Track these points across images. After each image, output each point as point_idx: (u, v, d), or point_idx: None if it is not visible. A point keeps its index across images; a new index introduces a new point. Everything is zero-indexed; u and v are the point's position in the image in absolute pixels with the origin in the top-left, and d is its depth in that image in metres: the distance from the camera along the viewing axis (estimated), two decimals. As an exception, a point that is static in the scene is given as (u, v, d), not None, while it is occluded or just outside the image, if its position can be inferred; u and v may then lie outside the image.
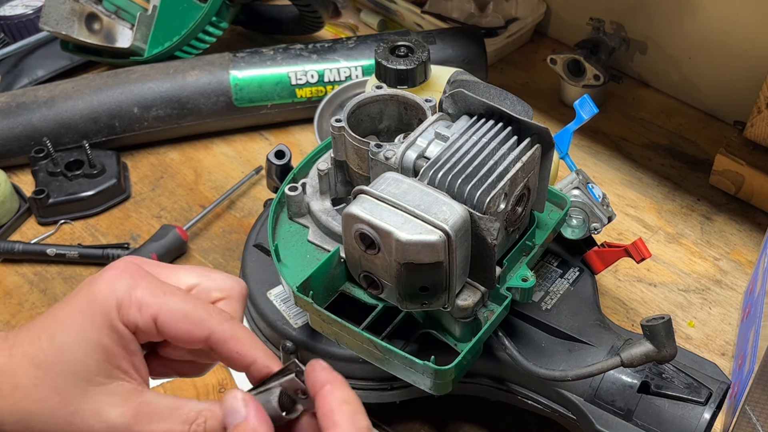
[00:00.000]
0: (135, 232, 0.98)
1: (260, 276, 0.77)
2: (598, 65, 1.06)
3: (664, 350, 0.59)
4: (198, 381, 0.79)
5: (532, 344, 0.68)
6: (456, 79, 0.67)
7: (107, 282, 0.47)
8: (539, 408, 0.68)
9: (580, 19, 1.15)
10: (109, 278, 0.47)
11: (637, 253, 0.73)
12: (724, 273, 0.92)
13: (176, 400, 0.47)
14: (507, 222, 0.60)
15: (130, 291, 0.46)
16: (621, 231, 0.97)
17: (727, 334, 0.86)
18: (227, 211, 1.00)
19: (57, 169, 1.00)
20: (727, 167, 0.97)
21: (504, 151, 0.59)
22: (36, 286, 0.92)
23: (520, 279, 0.62)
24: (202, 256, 0.95)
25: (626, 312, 0.88)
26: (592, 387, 0.65)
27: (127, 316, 0.46)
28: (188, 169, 1.06)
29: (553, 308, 0.70)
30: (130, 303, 0.46)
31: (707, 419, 0.63)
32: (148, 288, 0.47)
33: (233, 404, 0.45)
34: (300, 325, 0.73)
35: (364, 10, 1.29)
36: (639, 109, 1.13)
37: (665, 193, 1.01)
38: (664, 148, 1.07)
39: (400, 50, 0.83)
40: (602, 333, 0.68)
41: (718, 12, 1.03)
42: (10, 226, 0.97)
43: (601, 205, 0.73)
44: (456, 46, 1.08)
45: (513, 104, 0.64)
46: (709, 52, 1.07)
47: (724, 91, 1.08)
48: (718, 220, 0.98)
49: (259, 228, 0.81)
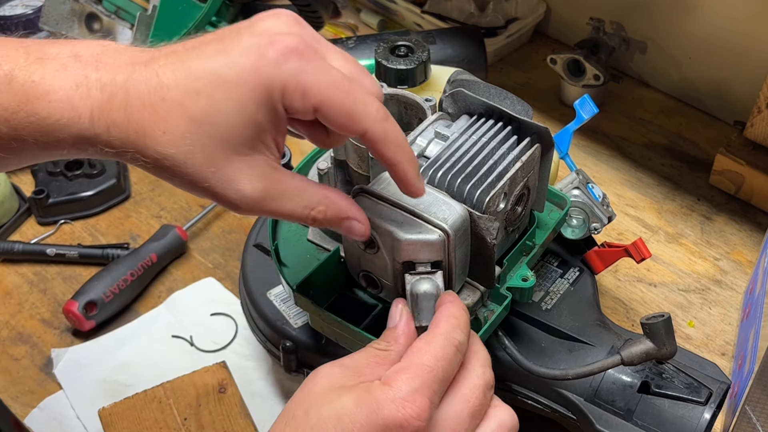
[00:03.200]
0: (135, 232, 0.98)
1: (260, 276, 0.77)
2: (598, 65, 1.06)
3: (664, 348, 0.59)
4: (198, 381, 0.79)
5: (532, 344, 0.67)
6: (456, 79, 0.67)
7: (276, 61, 0.45)
8: (539, 408, 0.68)
9: (580, 19, 1.15)
10: (278, 56, 0.46)
11: (637, 253, 0.73)
12: (724, 273, 0.92)
13: (303, 182, 0.49)
14: (507, 221, 0.60)
15: (298, 76, 0.46)
16: (621, 231, 0.97)
17: (727, 334, 0.86)
18: (227, 211, 1.00)
19: (57, 169, 1.00)
20: (727, 167, 0.97)
21: (504, 151, 0.59)
22: (36, 286, 0.92)
23: (520, 279, 0.62)
24: (202, 256, 0.95)
25: (626, 312, 0.88)
26: (593, 387, 0.65)
27: (290, 102, 0.46)
28: (188, 169, 1.06)
29: (553, 308, 0.70)
30: (295, 89, 0.46)
31: (707, 419, 0.63)
32: (315, 75, 0.46)
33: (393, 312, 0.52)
34: (300, 325, 0.73)
35: (363, 10, 1.29)
36: (639, 109, 1.13)
37: (665, 193, 1.01)
38: (664, 148, 1.07)
39: (400, 50, 0.83)
40: (602, 333, 0.68)
41: (718, 12, 1.03)
42: (9, 226, 0.97)
43: (601, 205, 0.73)
44: (456, 46, 1.08)
45: (513, 104, 0.64)
46: (709, 52, 1.07)
47: (724, 91, 1.08)
48: (718, 220, 0.98)
49: (259, 228, 0.81)
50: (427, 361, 0.47)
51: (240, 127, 0.46)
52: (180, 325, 0.88)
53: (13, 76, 0.45)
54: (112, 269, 0.89)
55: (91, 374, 0.83)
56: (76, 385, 0.82)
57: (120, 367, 0.84)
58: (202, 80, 0.45)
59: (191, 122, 0.45)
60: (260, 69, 0.45)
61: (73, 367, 0.84)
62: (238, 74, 0.45)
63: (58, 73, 0.46)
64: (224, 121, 0.45)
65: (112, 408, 0.78)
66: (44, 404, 0.81)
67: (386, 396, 0.45)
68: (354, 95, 0.47)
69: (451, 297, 0.53)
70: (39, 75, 0.45)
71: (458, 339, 0.50)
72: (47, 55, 0.46)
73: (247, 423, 0.77)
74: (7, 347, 0.86)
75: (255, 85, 0.45)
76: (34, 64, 0.46)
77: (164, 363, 0.84)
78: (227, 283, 0.92)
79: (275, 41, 0.46)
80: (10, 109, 0.45)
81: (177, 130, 0.45)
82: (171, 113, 0.45)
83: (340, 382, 0.48)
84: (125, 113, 0.45)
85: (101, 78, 0.46)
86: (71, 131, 0.46)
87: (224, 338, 0.86)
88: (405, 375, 0.46)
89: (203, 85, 0.45)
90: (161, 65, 0.46)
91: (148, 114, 0.45)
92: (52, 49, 0.47)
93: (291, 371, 0.73)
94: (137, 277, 0.89)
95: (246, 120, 0.46)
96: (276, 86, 0.46)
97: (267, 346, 0.76)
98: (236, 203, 0.48)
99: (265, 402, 0.81)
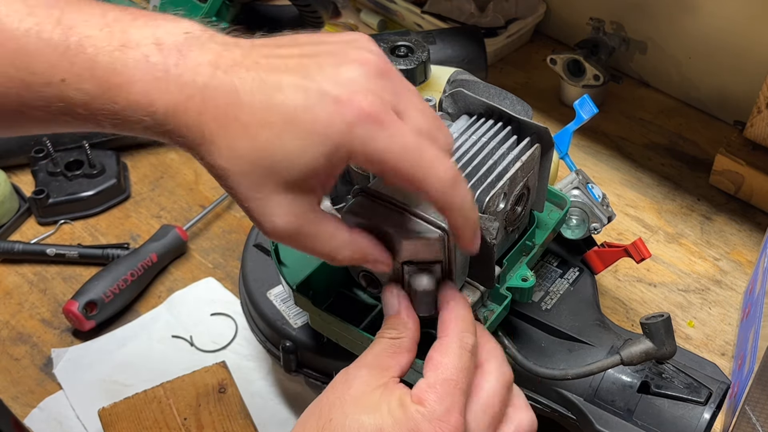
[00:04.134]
0: (135, 232, 0.98)
1: (260, 276, 0.77)
2: (598, 65, 1.06)
3: (664, 348, 0.59)
4: (198, 381, 0.79)
5: (532, 344, 0.67)
6: (456, 79, 0.67)
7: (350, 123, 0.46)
8: (539, 408, 0.68)
9: (580, 19, 1.15)
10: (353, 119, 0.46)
11: (637, 253, 0.73)
12: (724, 273, 0.92)
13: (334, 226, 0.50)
14: (506, 221, 0.60)
15: (368, 142, 0.46)
16: (621, 231, 0.97)
17: (727, 334, 0.86)
18: (227, 211, 1.00)
19: (57, 169, 1.00)
20: (727, 167, 0.97)
21: (503, 151, 0.59)
22: (36, 286, 0.92)
23: (520, 279, 0.62)
24: (202, 256, 0.95)
25: (626, 312, 0.88)
26: (592, 387, 0.65)
27: (355, 162, 0.47)
28: (188, 168, 1.06)
29: (553, 308, 0.70)
30: (362, 153, 0.46)
31: (707, 419, 0.63)
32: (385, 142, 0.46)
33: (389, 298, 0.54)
34: (300, 325, 0.73)
35: (364, 10, 1.29)
36: (639, 109, 1.13)
37: (665, 193, 1.01)
38: (664, 148, 1.07)
39: (400, 50, 0.83)
40: (602, 333, 0.68)
41: (718, 12, 1.03)
42: (9, 226, 0.97)
43: (601, 205, 0.73)
44: (456, 46, 1.08)
45: (513, 104, 0.64)
46: (709, 52, 1.07)
47: (724, 91, 1.08)
48: (718, 220, 0.98)
49: (259, 228, 0.81)
50: (450, 375, 0.49)
51: (298, 168, 0.47)
52: (180, 325, 0.88)
53: (96, 62, 0.46)
54: (112, 269, 0.89)
55: (91, 374, 0.83)
56: (76, 385, 0.82)
57: (120, 367, 0.84)
58: (277, 113, 0.46)
59: (254, 148, 0.46)
60: (333, 125, 0.46)
61: (73, 367, 0.84)
62: (312, 122, 0.46)
63: (139, 65, 0.46)
64: (285, 158, 0.46)
65: (112, 408, 0.78)
66: (44, 404, 0.81)
67: (423, 416, 0.47)
68: (422, 160, 0.47)
69: (452, 293, 0.54)
70: (121, 64, 0.46)
71: (470, 342, 0.51)
72: (130, 42, 0.47)
73: (247, 423, 0.77)
74: (7, 347, 0.86)
75: (324, 138, 0.46)
76: (116, 52, 0.47)
77: (164, 363, 0.84)
78: (227, 283, 0.92)
79: (353, 103, 0.46)
80: (91, 94, 0.47)
81: (239, 151, 0.46)
82: (239, 134, 0.46)
83: (373, 382, 0.49)
84: (198, 118, 0.47)
85: (182, 75, 0.47)
86: (145, 123, 0.47)
87: (224, 338, 0.86)
88: (434, 394, 0.48)
89: (276, 119, 0.46)
90: (242, 78, 0.47)
91: (218, 126, 0.46)
92: (135, 32, 0.47)
93: (291, 371, 0.73)
94: (137, 277, 0.89)
95: (306, 163, 0.46)
96: (344, 146, 0.46)
97: (267, 346, 0.76)
98: (267, 232, 0.49)
99: (265, 402, 0.81)
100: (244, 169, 0.47)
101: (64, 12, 0.47)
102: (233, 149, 0.46)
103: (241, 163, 0.47)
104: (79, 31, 0.47)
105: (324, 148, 0.46)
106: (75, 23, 0.47)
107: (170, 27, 0.48)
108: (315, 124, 0.46)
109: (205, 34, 0.48)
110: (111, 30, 0.47)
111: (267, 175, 0.47)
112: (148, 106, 0.47)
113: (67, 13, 0.47)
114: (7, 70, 0.47)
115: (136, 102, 0.47)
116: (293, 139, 0.46)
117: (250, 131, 0.46)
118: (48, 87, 0.47)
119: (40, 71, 0.46)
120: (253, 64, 0.47)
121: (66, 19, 0.47)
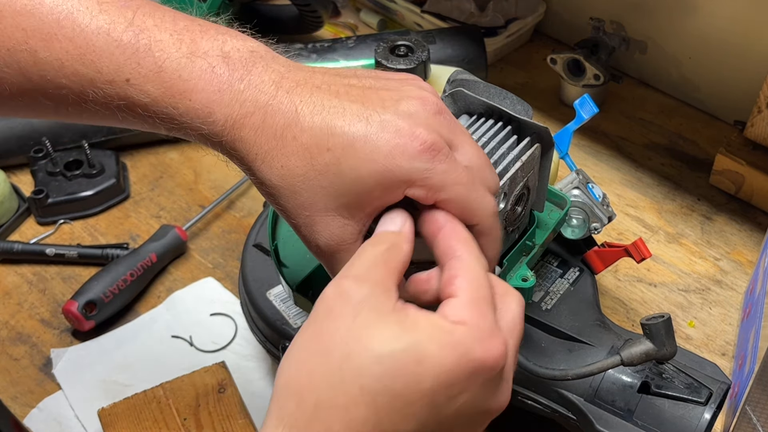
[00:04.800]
0: (134, 232, 0.98)
1: (260, 276, 0.77)
2: (598, 65, 1.06)
3: (664, 349, 0.59)
4: (198, 381, 0.79)
5: (532, 344, 0.67)
6: (456, 79, 0.66)
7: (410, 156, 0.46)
8: (539, 408, 0.68)
9: (580, 19, 1.15)
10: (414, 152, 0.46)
11: (637, 253, 0.73)
12: (724, 273, 0.92)
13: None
14: (506, 221, 0.60)
15: (426, 174, 0.47)
16: (621, 231, 0.97)
17: (728, 335, 0.86)
18: (227, 211, 1.00)
19: (56, 169, 1.00)
20: (727, 167, 0.97)
21: (503, 151, 0.59)
22: (35, 286, 0.92)
23: (520, 279, 0.62)
24: (202, 256, 0.95)
25: (626, 312, 0.88)
26: (592, 387, 0.65)
27: (411, 193, 0.47)
28: (187, 168, 1.06)
29: (553, 308, 0.70)
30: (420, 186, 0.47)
31: (707, 419, 0.63)
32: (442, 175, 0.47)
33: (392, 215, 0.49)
34: (300, 325, 0.73)
35: (363, 9, 1.29)
36: (639, 109, 1.13)
37: (665, 193, 1.01)
38: (664, 148, 1.07)
39: (399, 50, 0.83)
40: (602, 333, 0.68)
41: (718, 12, 1.03)
42: (9, 226, 0.97)
43: (601, 205, 0.73)
44: (456, 45, 1.08)
45: (513, 103, 0.64)
46: (709, 52, 1.07)
47: (724, 91, 1.08)
48: (719, 220, 0.98)
49: (259, 228, 0.81)
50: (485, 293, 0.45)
51: (352, 195, 0.47)
52: (180, 325, 0.88)
53: (163, 67, 0.47)
54: (112, 269, 0.89)
55: (90, 374, 0.83)
56: (76, 385, 0.82)
57: (119, 367, 0.84)
58: (337, 140, 0.47)
59: (310, 169, 0.47)
60: (393, 157, 0.46)
61: (72, 367, 0.84)
62: (372, 152, 0.46)
63: (204, 75, 0.47)
64: (340, 183, 0.47)
65: (111, 408, 0.78)
66: (43, 404, 0.81)
67: (472, 337, 0.43)
68: (473, 193, 0.48)
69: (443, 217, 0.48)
70: (187, 72, 0.47)
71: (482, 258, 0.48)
72: (198, 51, 0.48)
73: (246, 423, 0.77)
74: (7, 347, 0.86)
75: (383, 169, 0.46)
76: (184, 59, 0.47)
77: (164, 363, 0.84)
78: (227, 283, 0.92)
79: (415, 136, 0.46)
80: (153, 96, 0.47)
81: (294, 170, 0.47)
82: (296, 154, 0.47)
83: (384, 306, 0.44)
84: (255, 134, 0.47)
85: (244, 92, 0.47)
86: (201, 131, 0.48)
87: (224, 338, 0.86)
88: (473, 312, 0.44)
89: (335, 145, 0.46)
90: (303, 102, 0.47)
91: (275, 144, 0.47)
92: (204, 43, 0.48)
93: (291, 371, 0.73)
94: (137, 277, 0.89)
95: (360, 191, 0.47)
96: (402, 178, 0.47)
97: (267, 346, 0.76)
98: (310, 247, 0.50)
99: (265, 402, 0.81)
100: (297, 188, 0.47)
101: (137, 14, 0.48)
102: (288, 168, 0.47)
103: (295, 182, 0.47)
104: (150, 35, 0.47)
105: (382, 178, 0.46)
106: (147, 26, 0.48)
107: (237, 43, 0.49)
108: (375, 153, 0.46)
109: (269, 54, 0.49)
110: (181, 37, 0.48)
111: (319, 196, 0.47)
112: (207, 116, 0.47)
113: (140, 15, 0.48)
114: (74, 66, 0.47)
115: (195, 110, 0.47)
116: (350, 167, 0.46)
117: (308, 153, 0.47)
118: (111, 85, 0.47)
119: (106, 70, 0.47)
120: (314, 89, 0.48)
121: (138, 20, 0.48)
